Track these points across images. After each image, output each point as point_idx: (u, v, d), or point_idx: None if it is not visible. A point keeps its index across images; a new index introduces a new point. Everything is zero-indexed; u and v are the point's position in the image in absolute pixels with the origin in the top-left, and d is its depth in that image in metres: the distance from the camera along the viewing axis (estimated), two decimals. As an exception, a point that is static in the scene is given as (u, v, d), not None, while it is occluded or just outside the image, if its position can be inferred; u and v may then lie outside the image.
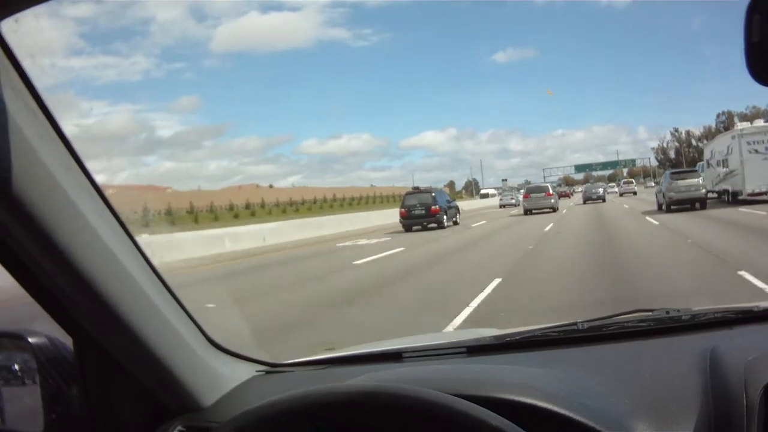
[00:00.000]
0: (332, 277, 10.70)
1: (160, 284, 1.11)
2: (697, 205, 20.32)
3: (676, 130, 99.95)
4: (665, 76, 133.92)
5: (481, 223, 24.88)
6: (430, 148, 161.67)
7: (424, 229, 22.75)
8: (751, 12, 0.89)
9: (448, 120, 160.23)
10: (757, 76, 0.90)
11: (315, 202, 68.73)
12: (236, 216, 50.71)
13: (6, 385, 1.18)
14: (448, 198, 26.68)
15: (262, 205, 60.15)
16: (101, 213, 0.99)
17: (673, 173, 21.97)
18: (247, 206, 58.61)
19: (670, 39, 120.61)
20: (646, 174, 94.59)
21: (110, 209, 1.01)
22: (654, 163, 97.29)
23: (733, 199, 21.62)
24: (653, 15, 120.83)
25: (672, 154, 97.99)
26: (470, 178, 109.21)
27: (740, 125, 22.91)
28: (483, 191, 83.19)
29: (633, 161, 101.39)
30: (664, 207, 20.90)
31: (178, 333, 1.13)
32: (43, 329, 1.14)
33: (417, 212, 23.25)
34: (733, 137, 22.15)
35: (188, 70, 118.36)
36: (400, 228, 23.45)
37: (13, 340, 1.17)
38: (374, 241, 19.20)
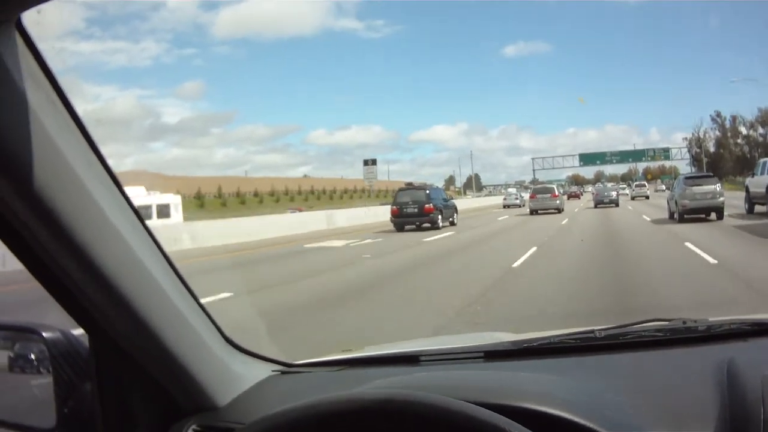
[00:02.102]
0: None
1: (178, 281, 1.10)
2: (714, 215, 17.84)
3: (718, 114, 77.03)
4: (691, 63, 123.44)
5: (478, 225, 23.17)
6: (440, 143, 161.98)
7: (419, 228, 21.22)
8: None
9: (459, 115, 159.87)
10: None
11: (325, 192, 68.38)
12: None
13: (19, 379, 1.18)
14: (445, 196, 25.19)
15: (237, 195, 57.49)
16: (121, 208, 0.98)
17: (687, 178, 19.42)
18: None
19: (695, 19, 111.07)
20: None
21: (129, 204, 1.00)
22: (685, 156, 77.81)
23: None
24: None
25: (712, 147, 76.32)
26: (449, 176, 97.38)
27: None
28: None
29: (666, 151, 78.95)
30: (676, 216, 18.59)
31: (195, 330, 1.12)
32: (58, 322, 1.13)
33: (409, 210, 21.64)
34: None
35: (196, 56, 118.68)
36: (392, 227, 21.85)
37: (27, 334, 1.16)
38: (340, 243, 16.97)
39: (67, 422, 1.10)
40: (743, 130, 74.36)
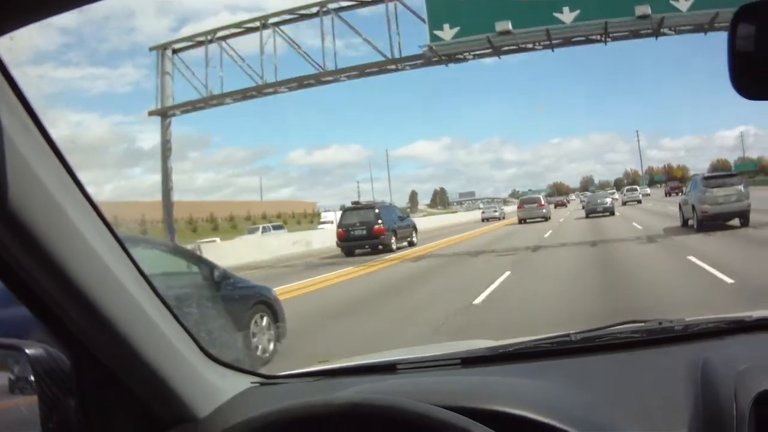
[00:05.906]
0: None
1: (156, 298, 1.13)
2: (739, 220, 15.17)
3: None
4: (676, 68, 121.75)
5: (433, 246, 20.94)
6: (423, 159, 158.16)
7: (374, 251, 19.27)
8: (737, 21, 0.89)
9: (441, 129, 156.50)
10: (741, 88, 0.89)
11: (306, 215, 64.53)
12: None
13: (3, 396, 1.19)
14: (400, 214, 22.86)
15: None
16: (97, 228, 1.00)
17: (706, 179, 16.36)
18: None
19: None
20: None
21: (106, 224, 1.02)
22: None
23: None
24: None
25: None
26: (412, 191, 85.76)
27: None
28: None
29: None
30: (693, 224, 15.67)
31: (174, 345, 1.15)
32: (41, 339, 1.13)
33: (357, 233, 19.54)
34: None
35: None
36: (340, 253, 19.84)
37: (10, 351, 1.17)
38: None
39: None
40: None
